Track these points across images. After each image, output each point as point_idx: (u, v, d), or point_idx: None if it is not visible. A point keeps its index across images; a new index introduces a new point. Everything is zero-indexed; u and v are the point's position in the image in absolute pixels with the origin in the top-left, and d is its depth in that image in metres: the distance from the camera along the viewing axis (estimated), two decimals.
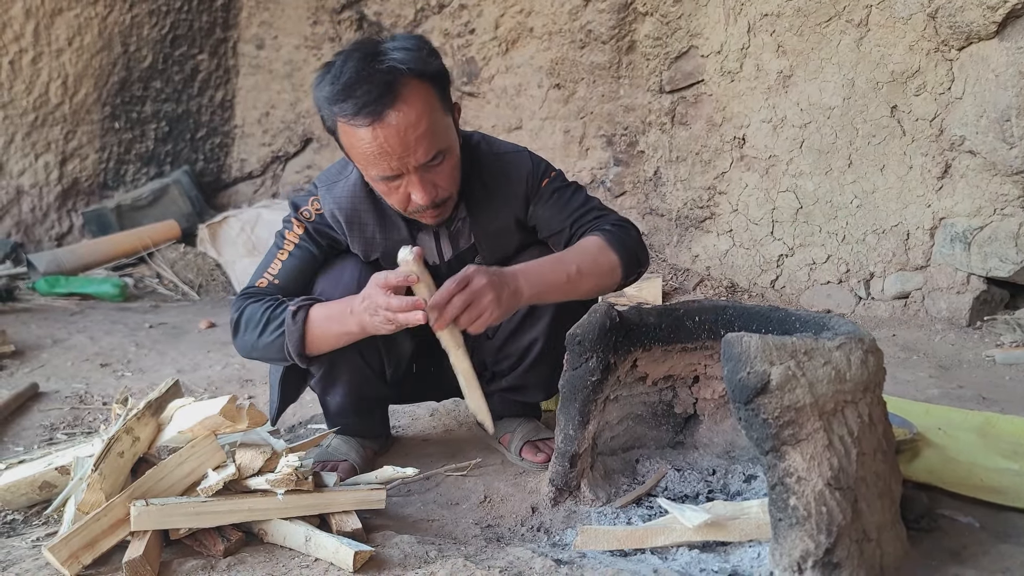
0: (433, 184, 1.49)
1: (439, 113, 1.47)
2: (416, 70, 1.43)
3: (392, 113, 1.40)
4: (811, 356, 1.24)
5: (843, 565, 1.20)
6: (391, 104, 1.39)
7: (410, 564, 1.32)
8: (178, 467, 1.39)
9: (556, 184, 1.71)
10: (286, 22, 5.16)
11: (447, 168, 1.51)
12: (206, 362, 2.83)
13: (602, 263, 1.58)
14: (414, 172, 1.46)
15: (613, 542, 1.39)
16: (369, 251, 1.67)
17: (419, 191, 1.47)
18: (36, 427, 2.14)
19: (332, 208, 1.63)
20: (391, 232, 1.65)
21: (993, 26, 2.94)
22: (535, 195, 1.70)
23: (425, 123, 1.42)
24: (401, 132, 1.40)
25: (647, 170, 4.15)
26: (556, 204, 1.68)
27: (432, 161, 1.46)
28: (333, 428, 1.80)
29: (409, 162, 1.44)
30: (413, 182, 1.47)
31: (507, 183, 1.68)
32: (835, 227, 3.53)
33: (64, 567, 1.26)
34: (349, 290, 1.59)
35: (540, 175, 1.70)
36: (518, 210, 1.70)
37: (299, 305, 1.55)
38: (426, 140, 1.43)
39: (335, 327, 1.53)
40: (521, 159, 1.71)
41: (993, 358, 2.75)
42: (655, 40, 3.94)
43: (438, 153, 1.46)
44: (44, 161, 4.72)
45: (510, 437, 1.88)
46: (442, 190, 1.52)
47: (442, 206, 1.55)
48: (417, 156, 1.44)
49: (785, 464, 1.22)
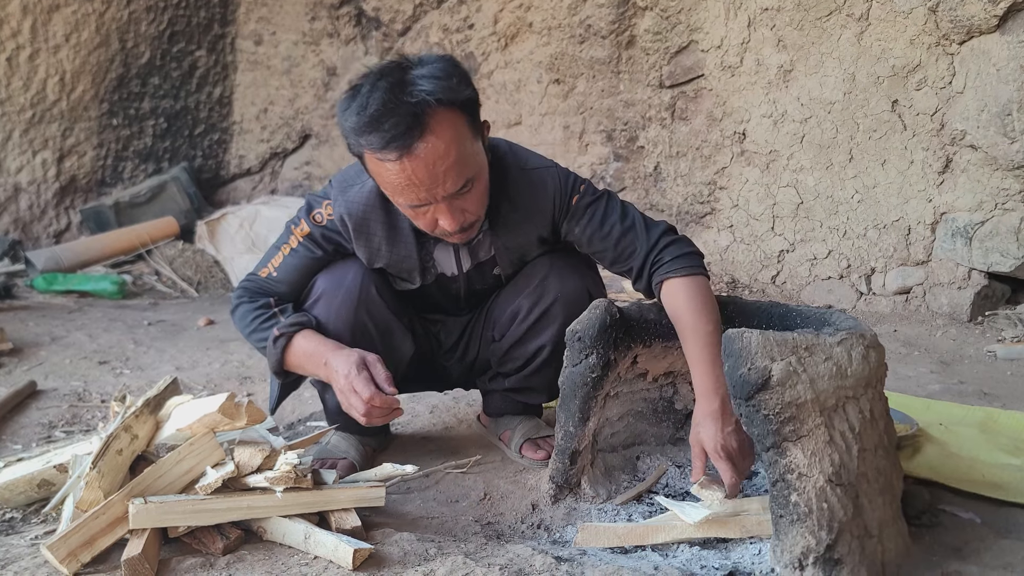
0: (462, 210, 1.47)
1: (468, 141, 1.43)
2: (445, 100, 1.38)
3: (421, 145, 1.36)
4: (812, 352, 1.23)
5: (844, 561, 1.19)
6: (420, 137, 1.36)
7: (410, 562, 1.31)
8: (176, 465, 1.38)
9: (587, 199, 1.64)
10: (284, 18, 5.15)
11: (476, 193, 1.48)
12: (205, 359, 2.82)
13: (709, 301, 1.53)
14: (442, 201, 1.43)
15: (614, 539, 1.38)
16: (372, 260, 1.66)
17: (447, 218, 1.45)
18: (34, 425, 2.14)
19: (342, 212, 1.61)
20: (398, 246, 1.65)
21: (994, 20, 2.93)
22: (565, 214, 1.65)
23: (454, 154, 1.39)
24: (430, 165, 1.37)
25: (647, 165, 4.14)
26: (592, 223, 1.63)
27: (462, 189, 1.44)
28: (332, 425, 1.79)
29: (437, 192, 1.41)
30: (441, 209, 1.44)
31: (533, 201, 1.64)
32: (836, 222, 3.52)
33: (62, 565, 1.25)
34: (350, 292, 1.61)
35: (569, 192, 1.64)
36: (542, 228, 1.67)
37: (283, 332, 1.59)
38: (455, 171, 1.40)
39: (309, 366, 1.60)
40: (549, 176, 1.65)
41: (994, 353, 2.74)
42: (655, 35, 3.92)
43: (467, 181, 1.44)
44: (42, 158, 4.71)
45: (510, 434, 1.88)
46: (470, 215, 1.49)
47: (470, 228, 1.52)
48: (446, 187, 1.41)
49: (786, 460, 1.21)
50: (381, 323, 1.66)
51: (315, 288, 1.66)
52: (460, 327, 1.84)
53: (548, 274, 1.69)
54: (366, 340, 1.63)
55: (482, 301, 1.82)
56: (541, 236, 1.68)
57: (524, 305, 1.70)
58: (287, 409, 2.19)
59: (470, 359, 1.86)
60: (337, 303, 1.62)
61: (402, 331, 1.71)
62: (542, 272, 1.70)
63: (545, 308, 1.69)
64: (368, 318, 1.63)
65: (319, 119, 5.26)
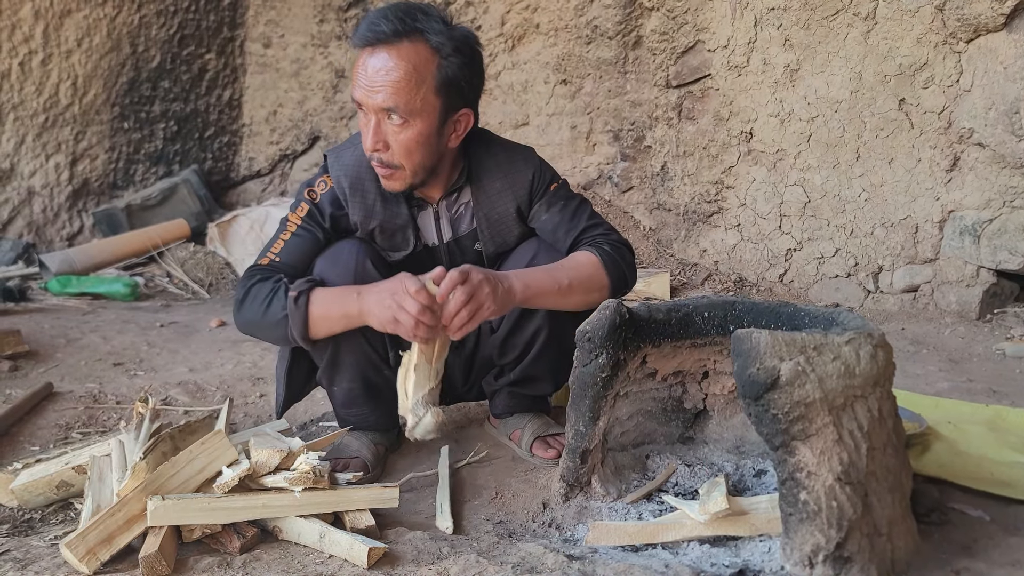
0: (384, 140, 1.57)
1: (423, 84, 1.54)
2: (434, 44, 1.53)
3: (382, 49, 1.52)
4: (820, 351, 1.24)
5: (854, 559, 1.20)
6: (386, 43, 1.51)
7: (423, 560, 1.33)
8: (189, 464, 1.40)
9: (564, 193, 1.77)
10: (293, 20, 5.17)
11: (404, 136, 1.57)
12: (218, 360, 2.84)
13: (593, 281, 1.65)
14: (374, 114, 1.55)
15: (624, 537, 1.40)
16: (368, 219, 1.70)
17: (368, 134, 1.57)
18: (51, 426, 2.16)
19: (339, 174, 1.70)
20: (390, 204, 1.71)
21: (1001, 18, 2.93)
22: (541, 195, 1.75)
23: (398, 75, 1.51)
24: (375, 68, 1.52)
25: (654, 165, 4.15)
26: (563, 212, 1.75)
27: (387, 112, 1.54)
28: (343, 424, 1.81)
29: (369, 100, 1.53)
30: (371, 123, 1.56)
31: (513, 172, 1.74)
32: (843, 220, 3.52)
33: (82, 563, 1.28)
34: (347, 268, 1.64)
35: (549, 178, 1.76)
36: (521, 200, 1.75)
37: (299, 290, 1.58)
38: (390, 90, 1.52)
39: (336, 308, 1.57)
40: (530, 154, 1.79)
41: (1003, 351, 2.74)
42: (661, 35, 3.93)
43: (396, 110, 1.53)
44: (55, 162, 4.75)
45: (520, 433, 1.89)
46: (392, 155, 1.59)
47: (389, 168, 1.61)
48: (376, 99, 1.53)
49: (795, 459, 1.22)
50: None
51: (314, 270, 1.68)
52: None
53: (536, 255, 1.73)
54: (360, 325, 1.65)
55: None
56: (520, 208, 1.75)
57: None
58: (299, 410, 2.21)
59: (467, 352, 1.88)
60: (335, 281, 1.64)
61: None
62: (530, 253, 1.74)
63: None
64: None
65: (328, 121, 5.29)
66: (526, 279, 1.58)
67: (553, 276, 1.61)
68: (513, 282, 1.55)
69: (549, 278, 1.60)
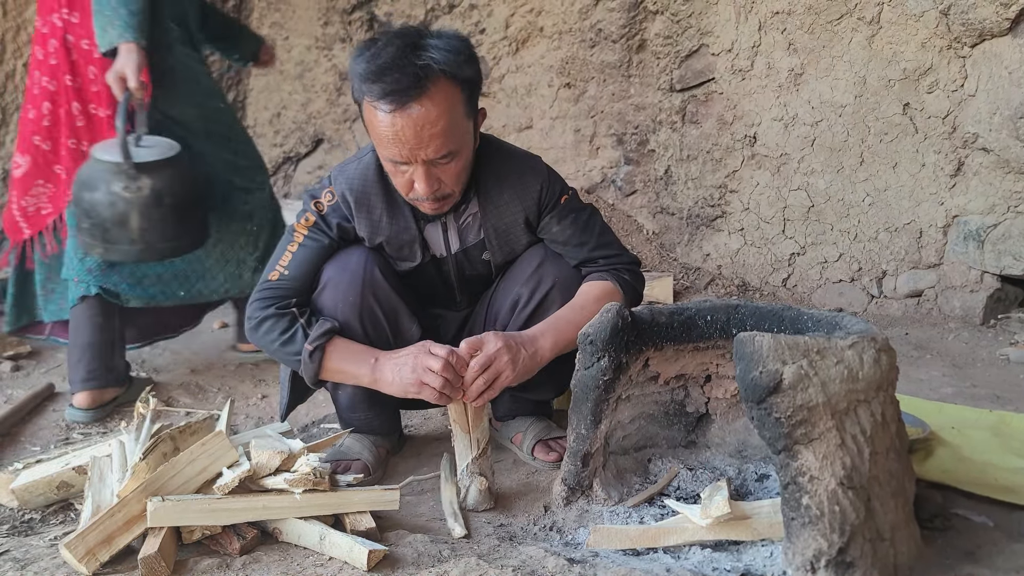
0: (437, 179, 1.56)
1: (460, 116, 1.53)
2: (449, 72, 1.49)
3: (415, 106, 1.46)
4: (823, 355, 1.24)
5: (856, 564, 1.20)
6: (416, 98, 1.46)
7: (423, 563, 1.33)
8: (189, 465, 1.40)
9: (574, 204, 1.77)
10: (297, 23, 5.18)
11: (455, 167, 1.57)
12: (220, 362, 2.85)
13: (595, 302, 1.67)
14: (421, 164, 1.52)
15: (626, 541, 1.39)
16: (374, 235, 1.71)
17: (422, 182, 1.54)
18: (52, 427, 2.17)
19: (344, 189, 1.69)
20: (397, 219, 1.70)
21: (1006, 23, 2.92)
22: (551, 207, 1.74)
23: (443, 123, 1.48)
24: (418, 126, 1.47)
25: (658, 169, 4.14)
26: (574, 225, 1.75)
27: (441, 159, 1.52)
28: (346, 426, 1.81)
29: (419, 155, 1.50)
30: (419, 172, 1.54)
31: (520, 181, 1.72)
32: (847, 225, 3.51)
33: (81, 564, 1.27)
34: (356, 276, 1.65)
35: (558, 190, 1.76)
36: (529, 211, 1.74)
37: (315, 344, 1.60)
38: (439, 138, 1.49)
39: (350, 368, 1.62)
40: (537, 163, 1.78)
41: (1007, 357, 2.73)
42: (665, 39, 3.93)
43: (449, 153, 1.52)
44: None
45: (522, 436, 1.89)
46: (445, 186, 1.58)
47: (442, 200, 1.61)
48: (428, 152, 1.50)
49: (798, 463, 1.22)
50: (388, 306, 1.69)
51: (322, 277, 1.69)
52: (459, 321, 1.88)
53: (543, 261, 1.74)
54: (374, 323, 1.67)
55: (477, 294, 1.85)
56: (528, 218, 1.75)
57: (523, 293, 1.74)
58: (301, 412, 2.21)
59: None
60: (344, 287, 1.65)
61: (408, 314, 1.73)
62: (537, 260, 1.75)
63: (544, 294, 1.73)
64: (375, 301, 1.67)
65: (332, 123, 5.29)
66: (556, 338, 1.62)
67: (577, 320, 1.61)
68: (540, 346, 1.60)
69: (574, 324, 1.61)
